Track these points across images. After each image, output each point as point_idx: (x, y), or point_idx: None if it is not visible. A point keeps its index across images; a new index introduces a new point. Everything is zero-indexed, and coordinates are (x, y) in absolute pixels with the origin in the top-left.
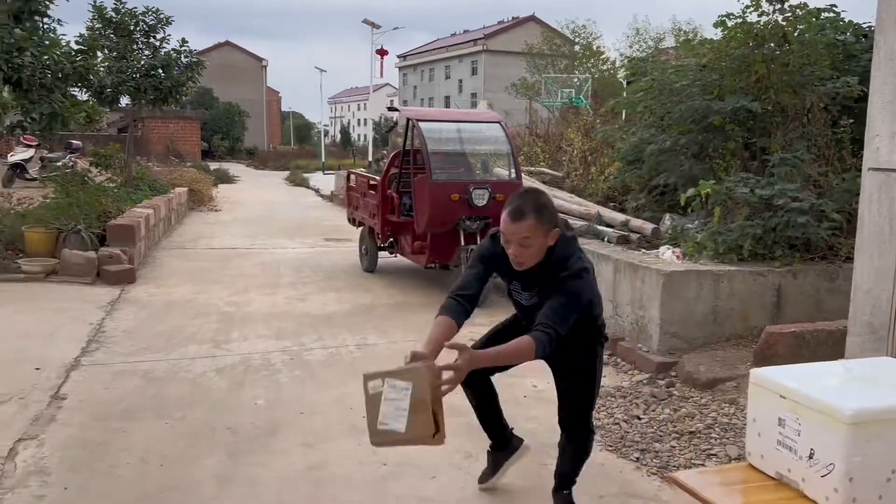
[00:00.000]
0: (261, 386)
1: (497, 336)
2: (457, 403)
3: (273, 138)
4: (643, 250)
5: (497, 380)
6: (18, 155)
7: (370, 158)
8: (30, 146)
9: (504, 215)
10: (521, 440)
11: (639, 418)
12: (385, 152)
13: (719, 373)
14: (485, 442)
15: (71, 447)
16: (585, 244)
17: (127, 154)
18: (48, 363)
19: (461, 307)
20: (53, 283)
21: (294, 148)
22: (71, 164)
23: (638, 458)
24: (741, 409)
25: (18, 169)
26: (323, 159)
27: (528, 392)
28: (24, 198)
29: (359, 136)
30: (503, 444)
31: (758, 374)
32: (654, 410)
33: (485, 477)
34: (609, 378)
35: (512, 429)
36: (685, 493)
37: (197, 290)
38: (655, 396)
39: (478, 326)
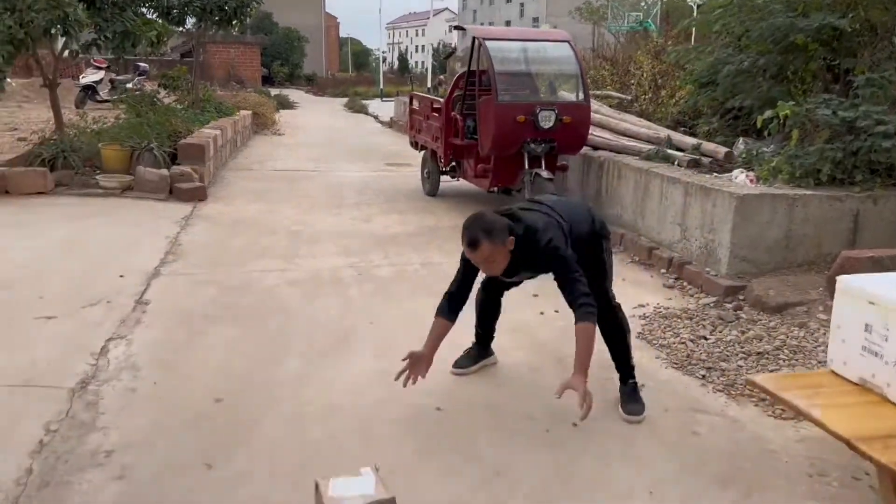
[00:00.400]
0: (332, 298)
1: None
2: (523, 321)
3: (331, 65)
4: (715, 174)
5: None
6: (89, 77)
7: (429, 85)
8: (100, 68)
9: (464, 246)
10: (493, 352)
11: (705, 339)
12: (443, 78)
13: (790, 297)
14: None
15: (157, 347)
16: (654, 168)
17: (194, 76)
18: (131, 271)
19: (453, 306)
20: (129, 199)
21: (352, 75)
22: (139, 86)
23: (704, 376)
24: (811, 332)
25: (90, 91)
26: (381, 86)
27: None
28: (99, 117)
29: (416, 62)
30: (485, 346)
31: (846, 280)
32: (720, 332)
33: (461, 364)
34: (675, 300)
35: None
36: (752, 409)
37: (265, 210)
38: (722, 319)
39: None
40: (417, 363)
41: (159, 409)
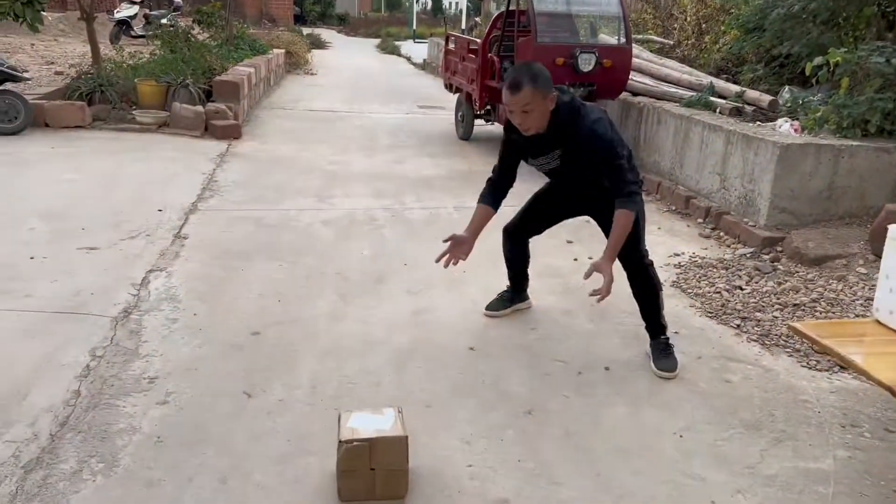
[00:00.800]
0: (366, 238)
1: (534, 207)
2: (556, 266)
3: (364, 5)
4: (758, 123)
5: (599, 246)
6: (124, 12)
7: (462, 27)
8: (134, 3)
9: (504, 89)
10: (528, 296)
11: (741, 289)
12: (478, 21)
13: (829, 250)
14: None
15: (196, 280)
16: (696, 115)
17: (228, 12)
18: (168, 206)
19: (495, 194)
20: (165, 135)
21: (384, 15)
22: (173, 21)
23: (738, 326)
24: (849, 286)
25: (124, 26)
26: (414, 27)
27: None
28: (135, 52)
29: (450, 3)
30: (519, 290)
31: None
32: (756, 282)
33: (494, 307)
34: (711, 250)
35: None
36: (786, 359)
37: (299, 149)
38: (759, 270)
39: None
40: (459, 245)
41: (199, 340)
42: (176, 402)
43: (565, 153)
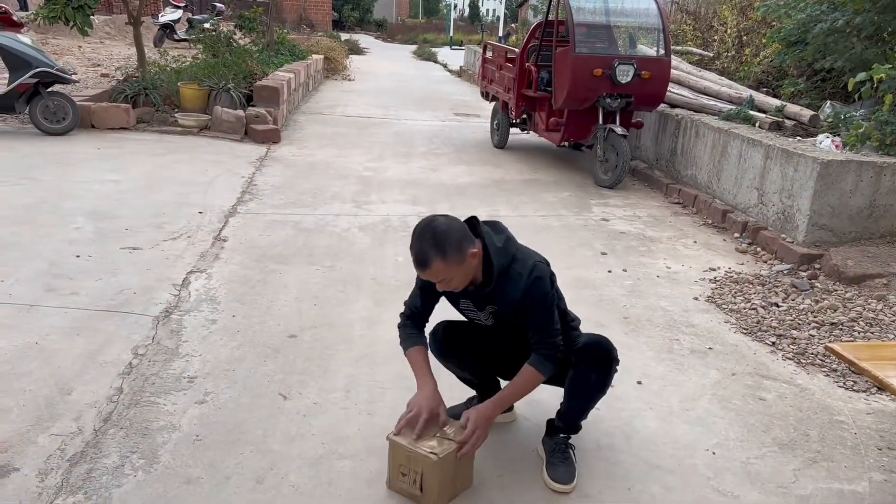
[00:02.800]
0: (401, 245)
1: (459, 337)
2: (589, 279)
3: (401, 10)
4: (798, 138)
5: (634, 259)
6: (168, 16)
7: (500, 34)
8: (178, 7)
9: (415, 264)
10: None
11: (777, 306)
12: (514, 27)
13: (869, 268)
14: None
15: (234, 282)
16: (734, 129)
17: (269, 17)
18: (209, 208)
19: (419, 329)
20: (206, 138)
21: (422, 21)
22: (215, 26)
23: (773, 343)
24: (890, 305)
25: (168, 29)
26: (451, 34)
27: (662, 272)
28: (179, 55)
29: (487, 10)
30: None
31: None
32: (793, 300)
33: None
34: (747, 265)
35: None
36: (822, 379)
37: (336, 154)
38: (796, 287)
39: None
40: (430, 416)
41: (237, 341)
42: (214, 402)
43: (500, 314)
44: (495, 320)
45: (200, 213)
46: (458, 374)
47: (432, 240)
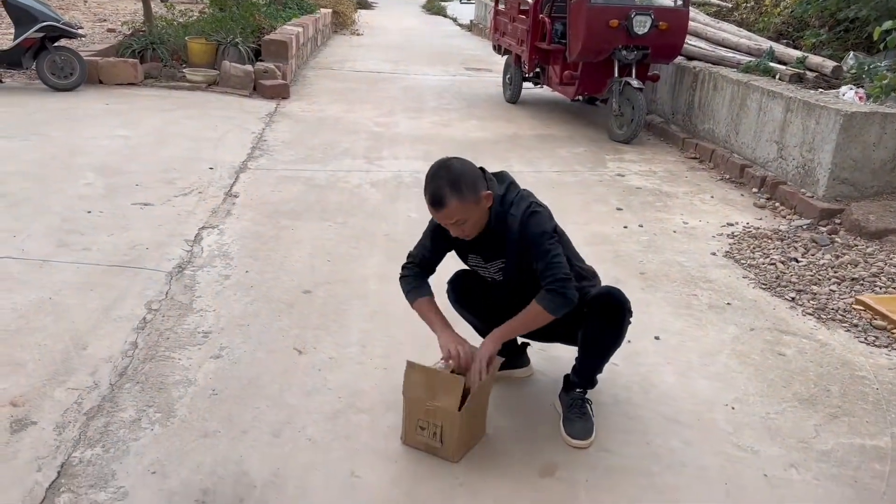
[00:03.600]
0: (413, 201)
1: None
2: (605, 234)
3: None
4: (820, 90)
5: (650, 214)
6: None
7: None
8: None
9: (427, 203)
10: (527, 361)
11: (797, 261)
12: None
13: (891, 223)
14: None
15: (247, 238)
16: (754, 81)
17: None
18: (219, 164)
19: (424, 280)
20: (215, 93)
21: None
22: None
23: (793, 299)
24: None
25: None
26: None
27: (679, 227)
28: (186, 10)
29: None
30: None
31: None
32: (813, 255)
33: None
34: (766, 220)
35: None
36: (843, 334)
37: (346, 109)
38: (816, 242)
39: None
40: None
41: (251, 297)
42: (229, 357)
43: (509, 263)
44: (504, 276)
45: (211, 168)
46: (473, 324)
47: (448, 179)
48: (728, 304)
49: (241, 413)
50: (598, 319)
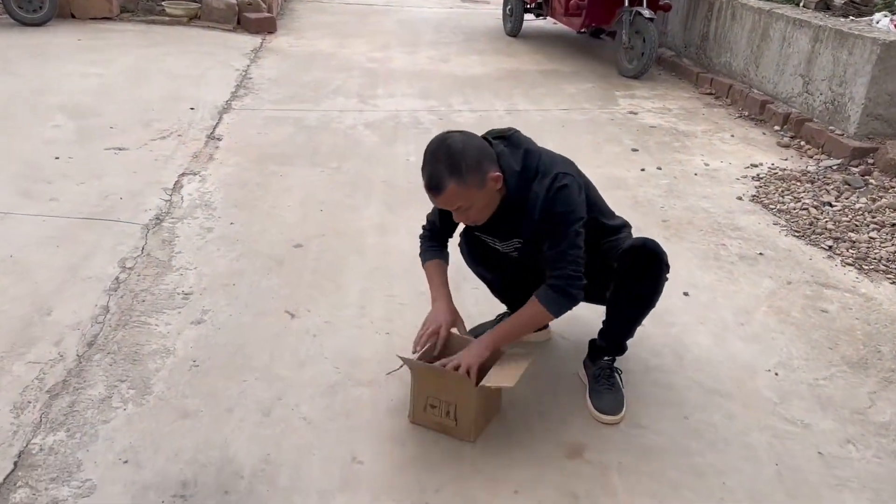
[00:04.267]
0: (412, 143)
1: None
2: (622, 178)
3: None
4: (850, 17)
5: (668, 155)
6: None
7: None
8: None
9: (426, 189)
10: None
11: (830, 205)
12: None
13: None
14: None
15: (231, 185)
16: (777, 9)
17: None
18: (201, 104)
19: (439, 243)
20: (197, 28)
21: None
22: None
23: (830, 247)
24: None
25: None
26: None
27: (700, 170)
28: None
29: None
30: None
31: None
32: (847, 198)
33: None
34: (791, 161)
35: None
36: (888, 287)
37: (337, 44)
38: (849, 184)
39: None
40: (443, 329)
41: (237, 252)
42: (213, 322)
43: (526, 244)
44: (521, 254)
45: (192, 109)
46: (487, 281)
47: (447, 159)
48: (760, 254)
49: (225, 388)
50: (630, 274)
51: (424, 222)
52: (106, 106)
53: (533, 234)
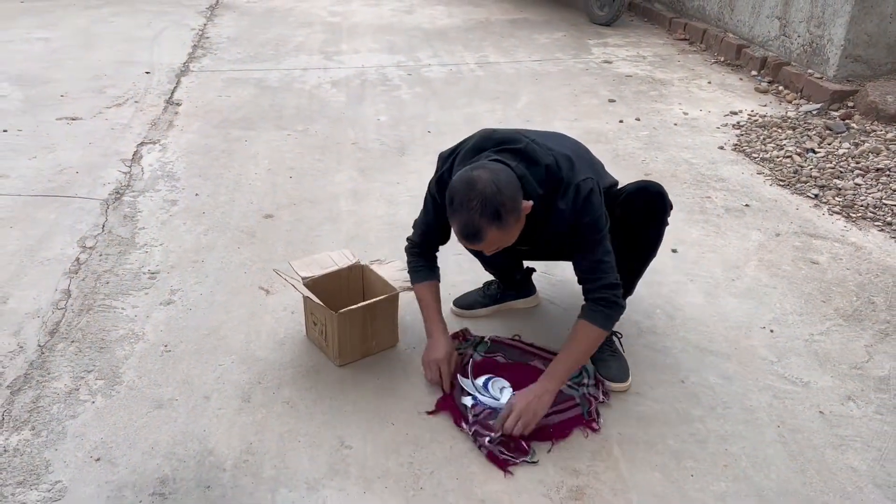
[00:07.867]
0: (381, 102)
1: None
2: (601, 130)
3: None
4: None
5: (645, 105)
6: None
7: None
8: None
9: (460, 237)
10: (532, 290)
11: (813, 152)
12: None
13: None
14: None
15: (194, 153)
16: None
17: None
18: (156, 67)
19: (429, 260)
20: None
21: None
22: None
23: (816, 196)
24: None
25: None
26: None
27: (679, 119)
28: None
29: None
30: (513, 286)
31: None
32: (829, 144)
33: (463, 303)
34: (771, 107)
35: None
36: (877, 234)
37: None
38: (830, 129)
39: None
40: (445, 363)
41: (204, 225)
42: (183, 302)
43: (535, 251)
44: (527, 255)
45: (147, 73)
46: (476, 255)
47: (482, 207)
48: (746, 205)
49: (201, 373)
50: (636, 218)
51: (407, 244)
52: (54, 73)
53: (548, 243)
